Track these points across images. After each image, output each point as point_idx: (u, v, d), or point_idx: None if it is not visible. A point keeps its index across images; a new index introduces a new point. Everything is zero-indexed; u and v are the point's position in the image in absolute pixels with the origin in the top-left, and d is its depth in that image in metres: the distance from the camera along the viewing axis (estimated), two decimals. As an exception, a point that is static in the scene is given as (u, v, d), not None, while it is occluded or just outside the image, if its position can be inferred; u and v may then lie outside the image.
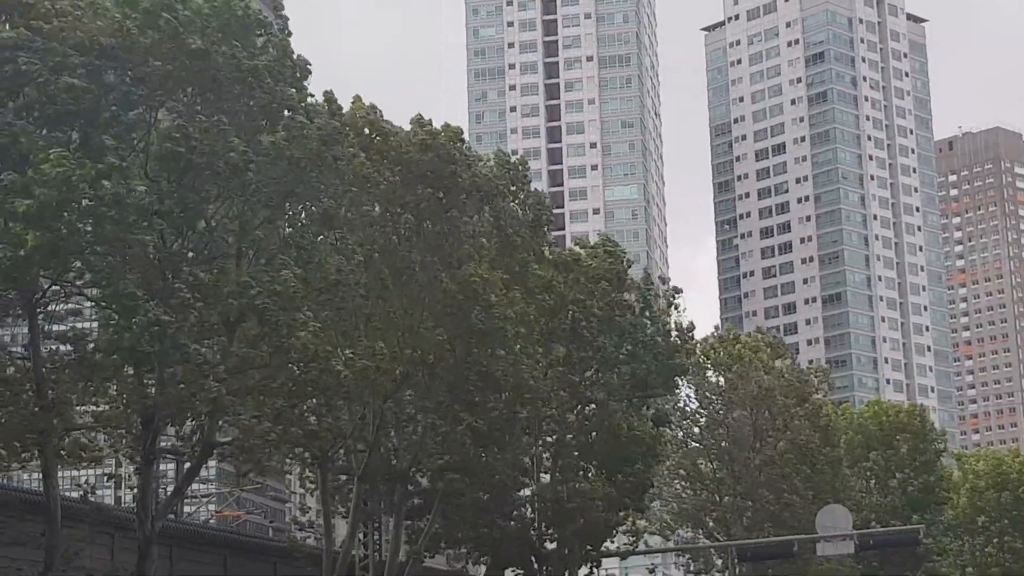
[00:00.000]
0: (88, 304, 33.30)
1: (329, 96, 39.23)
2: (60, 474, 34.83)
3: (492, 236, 44.81)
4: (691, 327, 58.73)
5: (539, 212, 49.30)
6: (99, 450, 33.96)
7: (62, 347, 31.82)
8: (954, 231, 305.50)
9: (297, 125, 33.10)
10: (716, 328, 70.45)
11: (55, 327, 32.59)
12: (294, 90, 34.09)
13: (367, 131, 40.62)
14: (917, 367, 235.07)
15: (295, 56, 34.78)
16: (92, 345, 31.40)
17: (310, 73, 35.16)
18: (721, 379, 68.55)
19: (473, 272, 40.28)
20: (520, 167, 48.53)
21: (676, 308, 58.55)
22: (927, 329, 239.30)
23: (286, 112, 33.56)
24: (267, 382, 33.55)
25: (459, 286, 40.15)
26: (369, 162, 38.65)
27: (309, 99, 35.38)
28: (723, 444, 67.46)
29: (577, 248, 55.71)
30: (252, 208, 33.00)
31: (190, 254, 32.37)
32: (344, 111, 39.82)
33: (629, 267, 55.85)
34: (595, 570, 56.93)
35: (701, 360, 67.41)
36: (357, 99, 42.51)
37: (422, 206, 40.96)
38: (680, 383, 61.41)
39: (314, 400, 37.79)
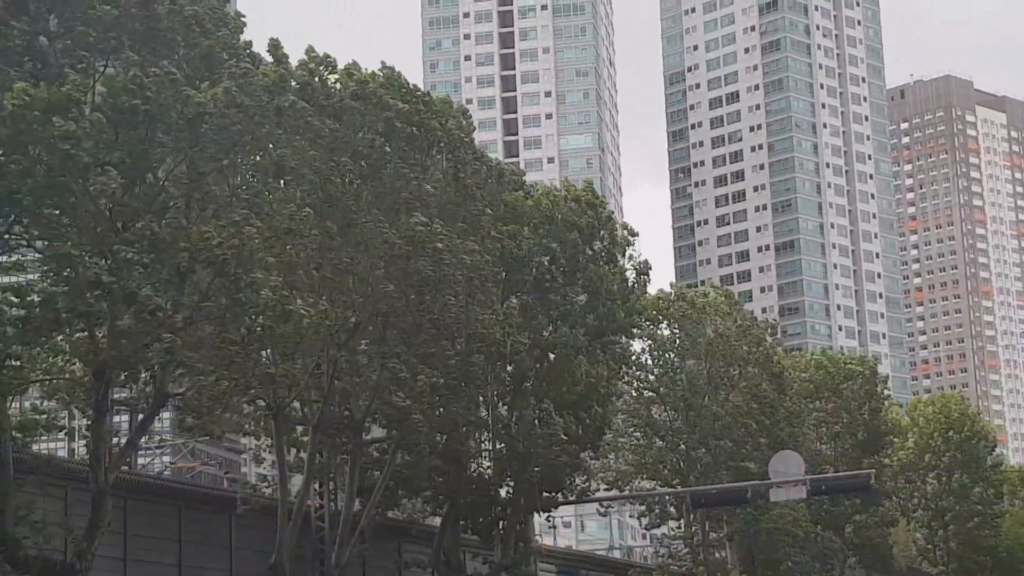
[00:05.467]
0: (33, 256, 32.79)
1: (274, 43, 38.77)
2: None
3: (448, 185, 44.48)
4: (646, 265, 58.50)
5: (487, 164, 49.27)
6: (53, 419, 33.64)
7: (4, 301, 31.21)
8: (905, 179, 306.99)
9: (243, 72, 32.68)
10: (660, 291, 70.20)
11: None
12: (235, 39, 33.67)
13: (310, 81, 40.14)
14: (869, 314, 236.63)
15: (232, 9, 34.43)
16: (37, 300, 30.79)
17: (244, 25, 34.79)
18: (675, 330, 68.62)
19: (417, 221, 39.96)
20: (463, 116, 48.03)
21: (631, 257, 58.56)
22: (879, 276, 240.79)
23: (229, 60, 33.13)
24: (222, 333, 33.24)
25: (402, 236, 39.87)
26: (312, 110, 38.27)
27: (251, 48, 35.00)
28: (678, 393, 67.60)
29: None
30: (203, 159, 32.56)
31: (140, 206, 31.93)
32: (289, 59, 39.39)
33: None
34: (551, 517, 57.06)
35: (653, 314, 67.45)
36: (310, 49, 42.05)
37: (367, 153, 40.55)
38: (638, 325, 61.29)
39: (268, 350, 37.53)
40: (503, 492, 53.31)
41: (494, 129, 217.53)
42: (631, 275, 57.48)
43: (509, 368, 50.78)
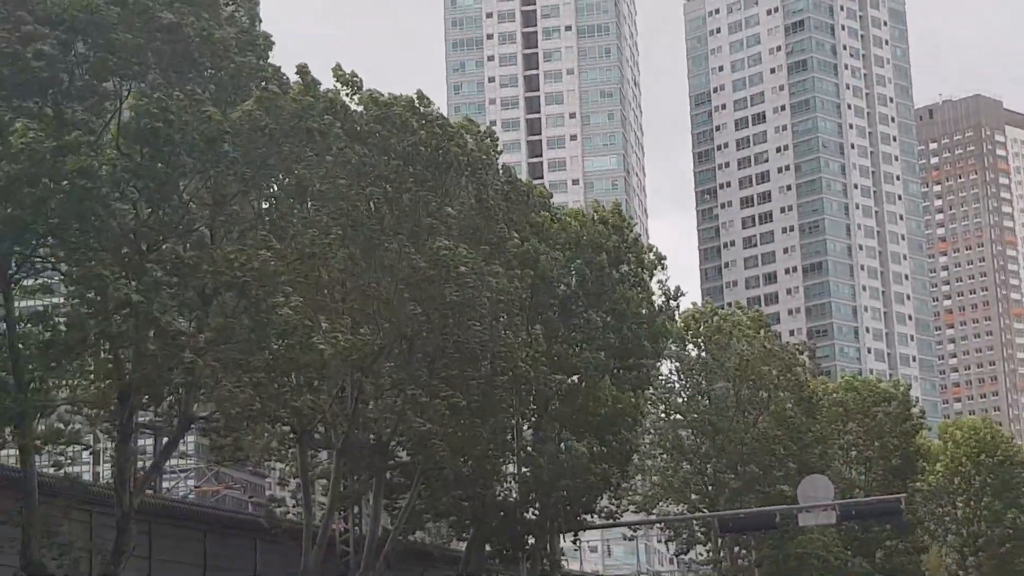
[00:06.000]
0: (58, 279, 32.98)
1: (302, 69, 39.04)
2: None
3: (471, 209, 44.66)
4: (678, 291, 58.97)
5: (514, 186, 49.42)
6: (76, 433, 33.73)
7: (30, 325, 31.36)
8: (935, 199, 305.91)
9: (271, 96, 32.87)
10: (693, 304, 70.51)
11: (24, 304, 32.32)
12: (263, 61, 33.82)
13: (333, 106, 40.33)
14: (898, 336, 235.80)
15: (260, 28, 34.60)
16: (63, 322, 30.93)
17: (272, 45, 34.99)
18: (702, 352, 68.69)
19: (441, 245, 40.09)
20: (489, 138, 48.28)
21: (661, 280, 58.75)
22: (908, 298, 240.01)
23: (261, 83, 33.32)
24: (246, 356, 33.36)
25: (427, 260, 40.02)
26: (343, 136, 38.49)
27: (278, 72, 35.14)
28: (706, 416, 67.60)
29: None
30: (226, 181, 32.74)
31: (164, 228, 32.09)
32: (319, 84, 39.61)
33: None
34: (577, 540, 57.09)
35: (682, 333, 67.56)
36: (338, 67, 42.23)
37: (392, 178, 40.76)
38: (664, 348, 61.53)
39: (293, 375, 37.67)
40: (529, 515, 53.36)
41: (518, 151, 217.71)
42: (659, 299, 57.72)
43: (533, 391, 50.87)
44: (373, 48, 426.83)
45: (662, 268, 58.64)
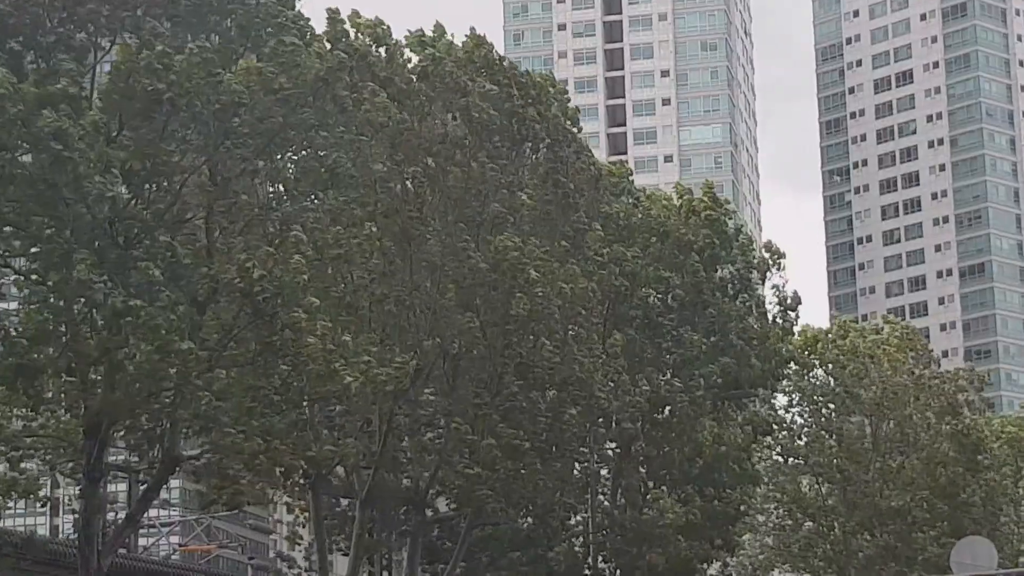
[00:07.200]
0: (12, 278, 33.07)
1: (333, 16, 39.03)
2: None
3: (545, 193, 44.46)
4: (796, 299, 58.68)
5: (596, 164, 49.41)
6: (34, 481, 33.87)
7: None
8: None
9: (290, 50, 32.83)
10: (830, 323, 70.09)
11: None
12: (282, 7, 33.77)
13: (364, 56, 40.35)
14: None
15: None
16: (28, 335, 30.88)
17: None
18: (831, 379, 68.44)
19: (508, 242, 39.81)
20: (560, 95, 48.14)
21: (776, 287, 58.51)
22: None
23: (270, 33, 33.32)
24: (252, 383, 33.06)
25: (490, 260, 39.77)
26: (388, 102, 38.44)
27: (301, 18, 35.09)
28: (834, 460, 67.39)
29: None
30: (231, 159, 32.68)
31: (151, 217, 32.11)
32: (349, 35, 39.72)
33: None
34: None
35: (802, 356, 67.26)
36: (355, 14, 42.27)
37: (434, 149, 40.62)
38: (783, 377, 61.30)
39: (307, 409, 37.62)
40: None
41: (595, 118, 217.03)
42: (774, 309, 57.49)
43: (613, 427, 50.88)
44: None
45: (779, 270, 58.39)
